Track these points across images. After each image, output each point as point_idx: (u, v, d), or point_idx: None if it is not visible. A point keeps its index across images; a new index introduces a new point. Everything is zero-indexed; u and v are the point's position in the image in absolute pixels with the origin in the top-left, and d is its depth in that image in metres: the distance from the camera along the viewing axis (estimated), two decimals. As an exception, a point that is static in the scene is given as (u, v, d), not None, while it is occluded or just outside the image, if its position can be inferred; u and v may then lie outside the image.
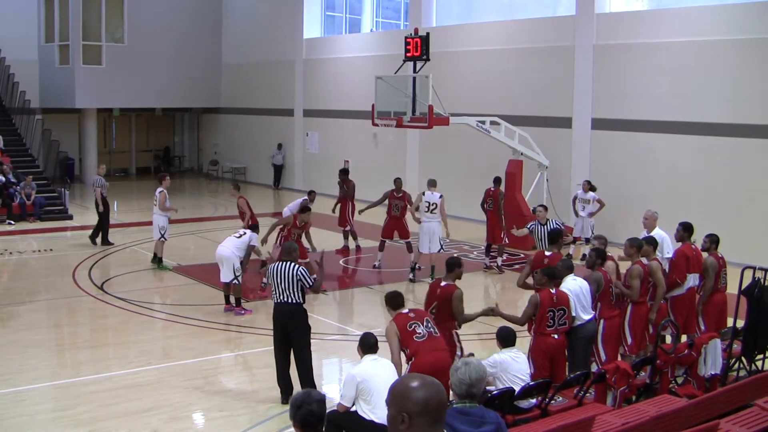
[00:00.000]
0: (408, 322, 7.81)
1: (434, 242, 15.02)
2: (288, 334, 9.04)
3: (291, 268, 9.02)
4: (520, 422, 7.27)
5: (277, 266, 9.10)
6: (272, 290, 9.16)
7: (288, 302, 9.00)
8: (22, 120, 26.87)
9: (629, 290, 9.40)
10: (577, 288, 8.87)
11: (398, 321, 7.83)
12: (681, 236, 10.52)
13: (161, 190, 15.79)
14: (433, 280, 14.89)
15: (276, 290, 9.05)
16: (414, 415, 3.32)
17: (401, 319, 7.86)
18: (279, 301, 9.03)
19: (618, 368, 7.90)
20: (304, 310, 9.12)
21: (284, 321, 9.04)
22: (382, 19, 28.68)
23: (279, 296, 9.02)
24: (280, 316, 9.06)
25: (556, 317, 8.48)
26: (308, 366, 9.07)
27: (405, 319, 7.85)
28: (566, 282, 8.91)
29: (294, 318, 9.04)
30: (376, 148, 25.43)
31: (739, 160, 16.72)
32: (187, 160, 36.41)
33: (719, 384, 8.66)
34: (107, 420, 8.59)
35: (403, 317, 7.88)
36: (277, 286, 9.02)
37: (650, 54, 18.23)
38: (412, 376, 3.45)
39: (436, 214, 14.99)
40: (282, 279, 8.98)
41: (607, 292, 9.22)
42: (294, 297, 8.99)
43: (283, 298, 9.00)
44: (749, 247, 15.10)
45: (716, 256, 10.16)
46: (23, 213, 21.61)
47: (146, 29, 29.99)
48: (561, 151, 19.74)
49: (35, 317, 12.99)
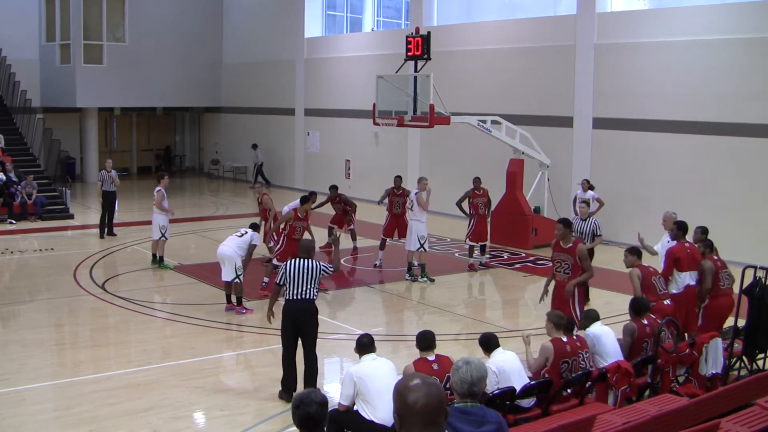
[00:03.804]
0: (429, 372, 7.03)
1: (412, 241, 15.08)
2: (298, 330, 9.02)
3: (311, 264, 8.97)
4: (521, 421, 7.27)
5: (295, 263, 8.98)
6: (285, 287, 8.99)
7: (304, 299, 8.96)
8: (23, 119, 26.87)
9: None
10: (599, 332, 8.50)
11: (418, 368, 7.14)
12: (676, 235, 10.58)
13: (159, 189, 15.82)
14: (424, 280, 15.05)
15: (291, 287, 8.92)
16: (404, 416, 3.31)
17: (422, 367, 7.20)
18: (293, 297, 8.94)
19: (619, 368, 7.89)
20: (316, 307, 9.14)
21: (298, 317, 8.98)
22: (383, 18, 28.68)
23: (294, 293, 8.92)
24: (295, 312, 8.97)
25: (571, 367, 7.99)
26: (316, 364, 9.10)
27: (426, 368, 7.17)
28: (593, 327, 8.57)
29: (308, 314, 9.03)
30: (377, 148, 25.43)
31: (739, 160, 16.71)
32: (188, 159, 36.44)
33: (720, 383, 8.65)
34: (108, 419, 8.58)
35: (425, 366, 7.23)
36: (296, 283, 8.90)
37: (651, 53, 18.23)
38: (413, 376, 3.43)
39: (415, 212, 15.08)
40: (302, 275, 8.90)
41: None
42: (311, 293, 8.98)
43: (299, 295, 8.93)
44: (749, 246, 15.09)
45: (713, 259, 10.17)
46: (24, 212, 21.63)
47: (147, 28, 30.02)
48: (562, 150, 19.74)
49: (36, 316, 12.99)
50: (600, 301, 13.51)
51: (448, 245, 18.67)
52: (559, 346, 7.92)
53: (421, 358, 7.35)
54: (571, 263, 10.03)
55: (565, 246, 10.12)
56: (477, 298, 15.30)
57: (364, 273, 16.26)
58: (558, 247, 10.24)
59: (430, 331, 7.60)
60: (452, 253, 17.89)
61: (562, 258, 10.15)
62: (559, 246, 10.22)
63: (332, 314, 13.50)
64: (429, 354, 7.38)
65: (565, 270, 10.11)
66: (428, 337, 7.48)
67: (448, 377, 6.44)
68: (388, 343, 11.18)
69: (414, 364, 7.27)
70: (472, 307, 14.14)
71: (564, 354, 7.88)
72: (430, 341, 7.45)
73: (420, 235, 14.99)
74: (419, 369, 7.08)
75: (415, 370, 7.08)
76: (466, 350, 10.78)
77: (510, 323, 12.71)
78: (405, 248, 15.41)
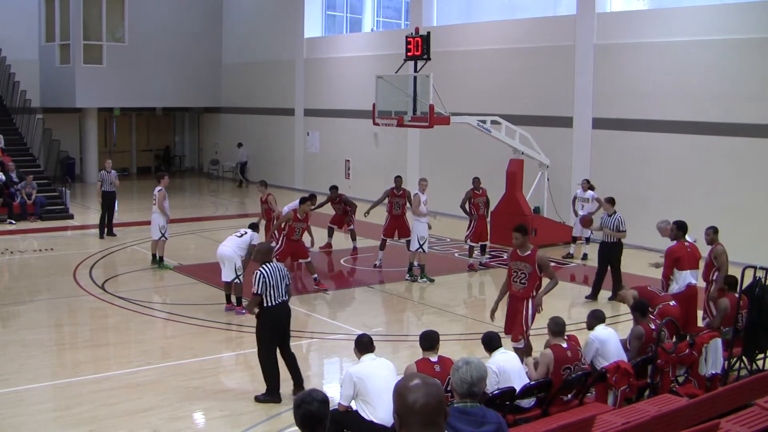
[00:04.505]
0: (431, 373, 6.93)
1: (413, 241, 15.14)
2: (284, 332, 9.12)
3: (281, 267, 9.12)
4: (521, 422, 7.27)
5: (270, 268, 9.00)
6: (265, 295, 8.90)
7: (287, 300, 9.10)
8: (22, 119, 26.87)
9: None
10: (605, 336, 8.46)
11: (420, 369, 7.09)
12: (675, 235, 10.60)
13: (160, 189, 15.80)
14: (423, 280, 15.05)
15: (273, 291, 8.92)
16: (404, 416, 3.31)
17: (424, 367, 7.13)
18: (278, 302, 8.97)
19: (619, 368, 7.89)
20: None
21: (285, 319, 9.09)
22: (382, 18, 28.68)
23: (277, 297, 8.95)
24: (283, 315, 9.06)
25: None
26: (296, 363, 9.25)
27: (428, 369, 7.09)
28: (597, 330, 8.53)
29: (289, 314, 9.22)
30: (377, 148, 25.43)
31: (739, 160, 16.71)
32: (188, 159, 36.43)
33: (720, 383, 8.65)
34: (107, 420, 8.58)
35: (427, 366, 7.16)
36: (276, 287, 8.94)
37: (651, 53, 18.23)
38: (413, 376, 3.43)
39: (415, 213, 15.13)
40: (281, 278, 8.98)
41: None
42: (288, 294, 9.14)
43: (282, 298, 9.00)
44: (749, 246, 15.08)
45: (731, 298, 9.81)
46: (24, 212, 21.62)
47: (147, 29, 30.01)
48: (562, 150, 19.74)
49: (36, 317, 12.99)
50: (603, 301, 13.54)
51: (447, 245, 18.67)
52: (559, 353, 7.86)
53: (424, 358, 7.31)
54: (529, 272, 9.41)
55: (522, 254, 9.49)
56: (477, 298, 15.29)
57: (364, 273, 16.26)
58: (515, 256, 9.60)
59: (434, 331, 7.55)
60: (452, 254, 17.89)
61: (519, 267, 9.51)
62: (516, 254, 9.58)
63: (332, 314, 13.52)
64: (432, 354, 7.34)
65: (522, 280, 9.48)
66: (431, 337, 7.42)
67: (449, 380, 6.18)
68: (388, 343, 11.18)
69: (416, 364, 7.23)
70: (471, 307, 14.13)
71: (565, 360, 7.83)
72: (433, 341, 7.40)
73: (420, 236, 14.99)
74: (421, 369, 7.01)
75: (416, 370, 7.00)
76: (465, 350, 10.79)
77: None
78: (408, 249, 15.45)
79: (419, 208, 15.01)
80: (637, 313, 8.80)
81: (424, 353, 7.37)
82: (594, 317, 8.68)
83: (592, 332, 8.51)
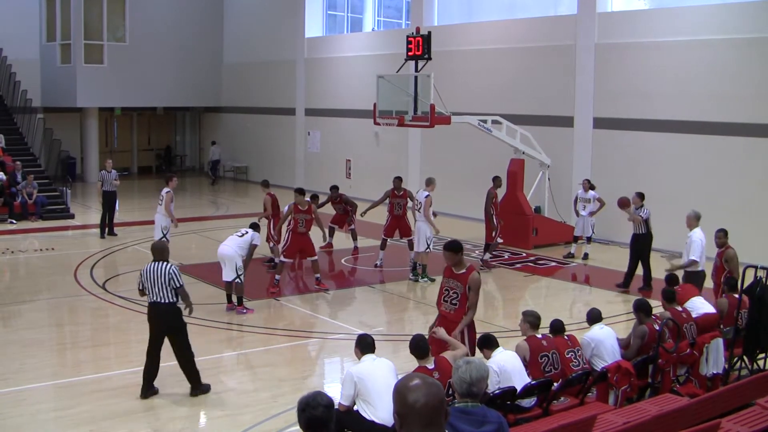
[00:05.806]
0: None
1: (421, 242, 15.07)
2: (163, 334, 9.11)
3: (162, 267, 9.04)
4: (522, 421, 7.26)
5: (150, 266, 9.07)
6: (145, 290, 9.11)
7: (161, 302, 9.03)
8: (23, 119, 26.87)
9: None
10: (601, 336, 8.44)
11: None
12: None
13: (168, 190, 15.75)
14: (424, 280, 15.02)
15: (150, 290, 9.02)
16: (404, 416, 3.30)
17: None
18: (152, 301, 9.06)
19: (620, 367, 7.89)
20: (177, 309, 9.15)
21: (158, 321, 9.10)
22: (383, 18, 28.67)
23: (152, 296, 9.03)
24: (154, 316, 9.10)
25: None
26: (193, 364, 9.21)
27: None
28: (592, 330, 8.52)
29: (167, 318, 9.08)
30: (378, 148, 25.43)
31: (739, 160, 16.71)
32: (189, 159, 36.43)
33: (721, 383, 8.65)
34: (108, 419, 8.57)
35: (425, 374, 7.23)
36: (151, 286, 9.00)
37: (651, 53, 18.22)
38: (413, 376, 3.43)
39: (422, 213, 15.05)
40: (155, 279, 8.98)
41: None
42: (167, 297, 9.01)
43: (156, 298, 9.02)
44: (750, 246, 15.05)
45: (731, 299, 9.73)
46: (25, 212, 21.63)
47: (148, 28, 30.03)
48: (562, 150, 19.73)
49: (36, 316, 12.99)
50: (602, 300, 13.52)
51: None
52: (534, 343, 7.97)
53: (420, 367, 7.21)
54: (461, 293, 8.59)
55: (457, 272, 8.67)
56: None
57: (365, 273, 16.25)
58: (449, 272, 8.75)
59: (422, 336, 7.41)
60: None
61: (451, 285, 8.70)
62: (450, 271, 8.74)
63: (332, 314, 13.51)
64: (427, 362, 7.23)
65: (453, 300, 8.66)
66: (422, 345, 7.27)
67: (449, 383, 6.25)
68: (389, 343, 11.17)
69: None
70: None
71: (541, 348, 7.91)
72: (424, 349, 7.27)
73: (427, 236, 14.99)
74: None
75: None
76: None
77: (510, 323, 12.68)
78: (414, 249, 15.35)
79: (429, 211, 14.97)
80: (640, 313, 8.78)
81: (419, 362, 7.26)
82: (590, 317, 8.72)
83: (586, 334, 8.54)
